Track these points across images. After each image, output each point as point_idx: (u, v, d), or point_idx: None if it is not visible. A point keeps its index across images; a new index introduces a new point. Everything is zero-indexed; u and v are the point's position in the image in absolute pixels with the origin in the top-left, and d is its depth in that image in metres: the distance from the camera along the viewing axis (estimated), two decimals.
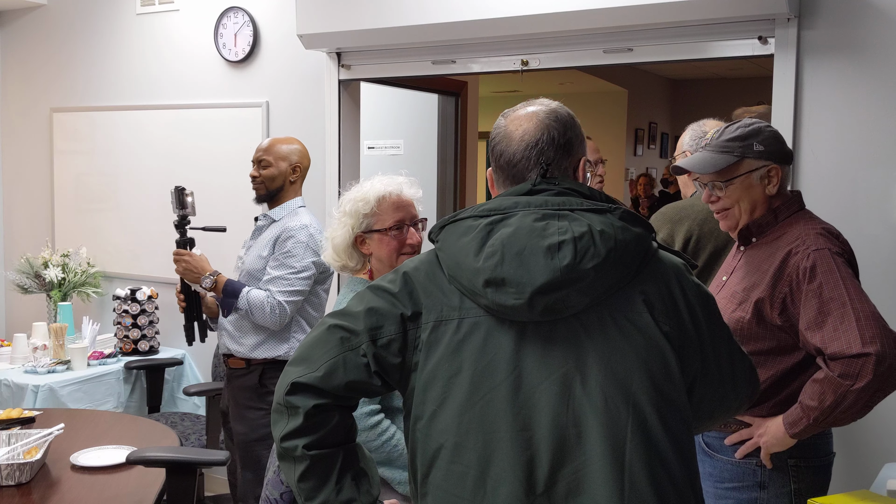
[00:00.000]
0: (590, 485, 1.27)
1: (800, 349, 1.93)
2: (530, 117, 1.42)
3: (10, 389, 3.64)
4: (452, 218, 1.40)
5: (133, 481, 2.41)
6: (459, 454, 1.31)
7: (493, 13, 3.06)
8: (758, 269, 1.99)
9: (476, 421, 1.30)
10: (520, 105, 1.47)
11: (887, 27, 2.63)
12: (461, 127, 4.94)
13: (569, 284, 1.28)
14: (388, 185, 2.21)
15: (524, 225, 1.31)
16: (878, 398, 1.81)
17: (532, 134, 1.41)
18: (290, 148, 3.08)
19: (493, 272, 1.29)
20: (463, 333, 1.33)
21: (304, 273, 2.95)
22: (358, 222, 2.18)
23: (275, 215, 3.06)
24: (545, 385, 1.30)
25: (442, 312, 1.35)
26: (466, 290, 1.34)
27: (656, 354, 1.33)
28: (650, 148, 10.05)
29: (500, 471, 1.29)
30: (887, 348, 1.76)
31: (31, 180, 4.76)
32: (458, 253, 1.34)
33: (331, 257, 2.24)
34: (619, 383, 1.29)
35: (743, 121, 2.05)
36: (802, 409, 1.86)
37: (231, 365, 3.09)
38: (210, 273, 2.94)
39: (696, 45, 2.92)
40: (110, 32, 4.40)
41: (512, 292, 1.28)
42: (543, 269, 1.27)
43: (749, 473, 1.99)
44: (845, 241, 1.99)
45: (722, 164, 1.99)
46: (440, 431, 1.33)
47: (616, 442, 1.27)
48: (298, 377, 1.37)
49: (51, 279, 4.29)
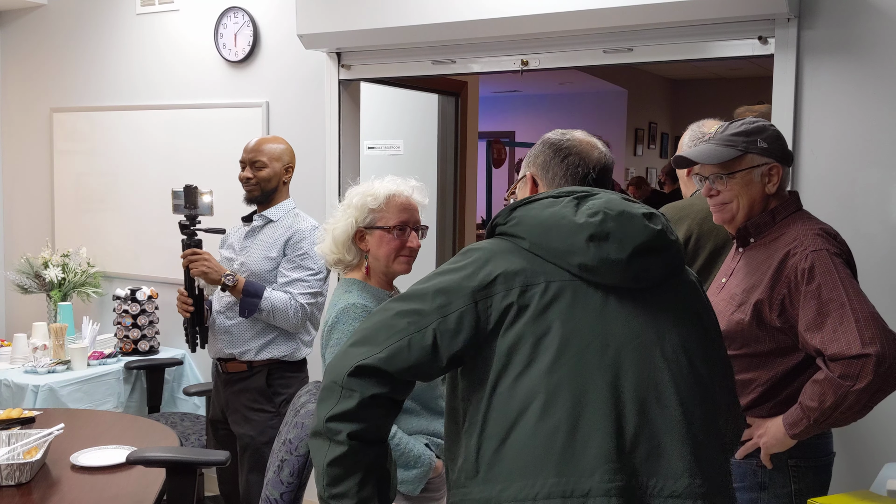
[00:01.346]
0: (667, 449, 1.33)
1: (799, 350, 1.93)
2: (596, 145, 1.67)
3: (10, 389, 3.64)
4: (525, 201, 1.48)
5: (133, 481, 2.41)
6: (549, 411, 1.32)
7: (493, 13, 3.07)
8: (756, 270, 1.99)
9: (567, 378, 1.33)
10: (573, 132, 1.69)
11: (887, 27, 2.63)
12: (461, 127, 4.94)
13: (659, 251, 1.42)
14: (399, 186, 2.23)
15: (614, 198, 1.45)
16: (879, 398, 1.81)
17: (605, 158, 1.65)
18: (281, 148, 3.05)
19: (598, 227, 1.38)
20: (550, 296, 1.38)
21: (321, 274, 2.95)
22: (363, 216, 2.19)
23: (272, 216, 3.03)
24: (629, 349, 1.37)
25: (527, 277, 1.39)
26: (556, 253, 1.40)
27: (714, 328, 1.52)
28: (650, 148, 10.05)
29: (590, 427, 1.31)
30: (887, 349, 1.76)
31: (31, 180, 4.76)
32: (549, 218, 1.42)
33: (328, 249, 2.23)
34: (688, 354, 1.41)
35: (747, 118, 2.06)
36: (802, 410, 1.86)
37: (230, 370, 3.03)
38: (229, 273, 2.88)
39: (696, 45, 2.92)
40: (110, 32, 4.40)
41: (615, 247, 1.38)
42: (643, 229, 1.40)
43: (749, 474, 1.99)
44: (843, 241, 1.99)
45: (725, 156, 2.00)
46: (528, 391, 1.34)
47: (687, 409, 1.36)
48: (363, 359, 1.36)
49: (51, 279, 4.29)
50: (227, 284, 2.85)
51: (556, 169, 1.62)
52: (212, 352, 3.10)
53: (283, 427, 2.27)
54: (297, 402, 2.25)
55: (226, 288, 2.87)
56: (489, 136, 8.96)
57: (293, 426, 2.10)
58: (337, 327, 2.11)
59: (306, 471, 2.05)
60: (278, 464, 2.09)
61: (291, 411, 2.27)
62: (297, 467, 2.04)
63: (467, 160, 5.01)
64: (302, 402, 2.19)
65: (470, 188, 5.08)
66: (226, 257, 3.10)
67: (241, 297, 2.87)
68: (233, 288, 2.87)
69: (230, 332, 2.99)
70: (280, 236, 2.97)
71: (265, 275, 2.95)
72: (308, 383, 2.39)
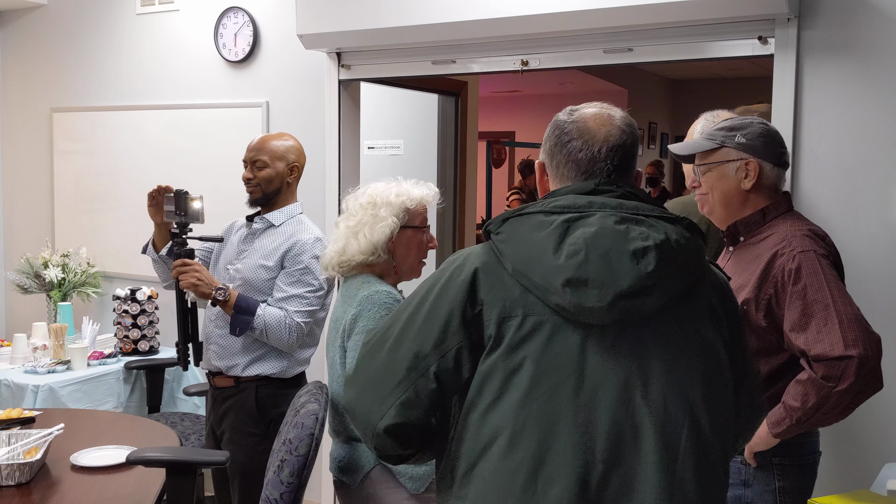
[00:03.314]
0: (641, 487, 1.27)
1: (785, 350, 1.94)
2: (610, 120, 1.45)
3: (10, 389, 3.63)
4: (517, 212, 1.38)
5: (133, 481, 2.41)
6: (512, 450, 1.29)
7: (493, 13, 3.06)
8: (745, 270, 1.99)
9: (534, 416, 1.29)
10: (587, 105, 1.49)
11: (887, 27, 2.63)
12: (461, 127, 4.94)
13: (650, 291, 1.28)
14: (423, 189, 2.28)
15: (607, 226, 1.30)
16: (861, 400, 1.82)
17: (616, 137, 1.43)
18: (285, 146, 2.81)
19: (576, 271, 1.27)
20: (526, 331, 1.31)
21: (321, 291, 2.72)
22: (401, 215, 2.21)
23: (273, 220, 2.80)
24: (607, 387, 1.29)
25: (504, 308, 1.32)
26: (536, 286, 1.31)
27: (716, 364, 1.36)
28: (650, 148, 10.04)
29: (555, 469, 1.28)
30: (869, 351, 1.78)
31: (31, 180, 4.76)
32: (532, 248, 1.32)
33: (356, 250, 2.18)
34: (679, 390, 1.31)
35: (746, 118, 2.06)
36: (785, 410, 1.87)
37: (218, 384, 2.82)
38: (220, 286, 2.64)
39: (696, 45, 2.91)
40: (110, 32, 4.40)
41: (594, 294, 1.27)
42: (629, 273, 1.27)
43: (734, 471, 2.00)
44: (831, 242, 2.00)
45: (700, 148, 2.03)
46: (495, 426, 1.31)
47: (670, 447, 1.29)
48: (378, 425, 1.37)
49: (51, 279, 4.29)
50: (219, 299, 2.63)
51: (559, 157, 1.46)
52: (203, 362, 2.87)
53: (283, 427, 2.27)
54: (297, 402, 2.25)
55: (216, 303, 2.64)
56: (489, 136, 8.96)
57: (293, 426, 2.10)
58: (362, 315, 2.09)
59: (306, 471, 2.05)
60: (278, 464, 2.09)
61: (291, 411, 2.27)
62: (297, 467, 2.04)
63: (467, 160, 5.01)
64: (302, 402, 2.19)
65: (470, 188, 5.08)
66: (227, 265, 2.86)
67: (233, 314, 2.64)
68: (224, 303, 2.64)
69: (218, 342, 2.77)
70: (280, 245, 2.74)
71: (260, 284, 2.73)
72: (308, 384, 2.38)
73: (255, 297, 2.71)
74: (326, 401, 2.17)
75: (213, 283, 2.65)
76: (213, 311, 2.80)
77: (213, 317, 2.81)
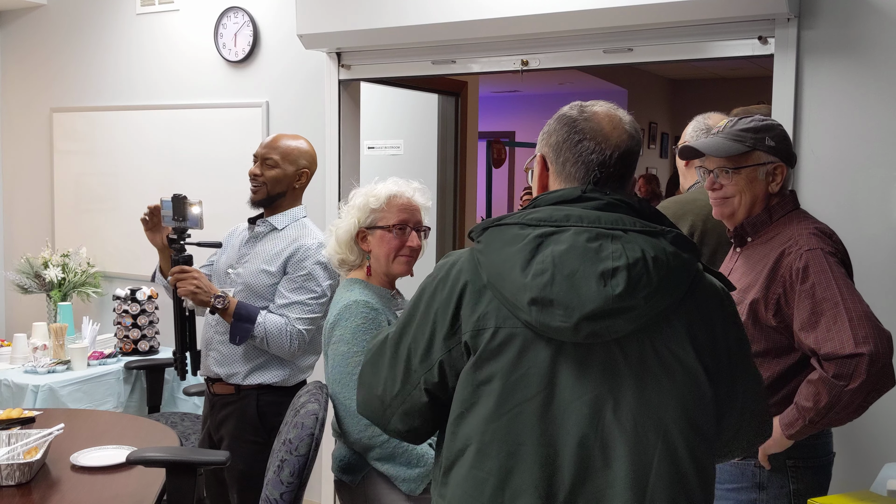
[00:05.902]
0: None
1: (796, 350, 1.93)
2: (621, 123, 1.42)
3: (10, 389, 3.64)
4: (497, 221, 1.37)
5: (133, 481, 2.41)
6: (481, 461, 1.31)
7: (493, 13, 3.06)
8: (752, 270, 1.99)
9: (502, 431, 1.30)
10: (594, 104, 1.46)
11: (887, 27, 2.63)
12: (461, 127, 4.94)
13: (618, 313, 1.25)
14: (400, 187, 2.27)
15: (577, 244, 1.27)
16: (873, 398, 1.81)
17: (626, 143, 1.41)
18: (299, 149, 2.74)
19: (541, 291, 1.26)
20: (497, 343, 1.31)
21: (324, 298, 2.66)
22: (364, 216, 2.23)
23: (276, 223, 2.73)
24: (577, 405, 1.29)
25: (479, 320, 1.33)
26: (507, 301, 1.31)
27: (694, 388, 1.32)
28: (650, 148, 10.04)
29: (520, 483, 1.29)
30: (880, 348, 1.76)
31: (31, 180, 4.76)
32: (503, 263, 1.31)
33: (332, 249, 2.28)
34: (651, 412, 1.29)
35: (756, 115, 2.06)
36: (798, 411, 1.86)
37: (217, 391, 2.74)
38: (219, 294, 2.58)
39: (696, 45, 2.91)
40: (110, 32, 4.40)
41: (559, 314, 1.25)
42: (595, 295, 1.24)
43: (748, 474, 1.99)
44: (839, 240, 1.99)
45: (733, 151, 2.00)
46: (465, 436, 1.34)
47: (641, 468, 1.27)
48: (387, 429, 1.48)
49: (51, 279, 4.29)
50: (217, 307, 2.57)
51: (567, 154, 1.41)
52: (202, 369, 2.80)
53: (283, 427, 2.27)
54: (297, 402, 2.25)
55: (215, 311, 2.58)
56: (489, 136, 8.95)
57: (293, 426, 2.10)
58: (339, 324, 2.13)
59: (306, 471, 2.05)
60: (278, 464, 2.09)
61: (291, 411, 2.27)
62: (297, 467, 2.04)
63: (467, 160, 5.01)
64: (302, 402, 2.19)
65: (470, 188, 5.08)
66: (228, 269, 2.79)
67: (233, 322, 2.58)
68: (223, 311, 2.58)
69: (219, 349, 2.71)
70: (282, 249, 2.67)
71: (261, 289, 2.66)
72: (308, 384, 2.38)
73: (256, 302, 2.66)
74: (326, 401, 2.17)
75: (211, 290, 2.59)
76: (213, 316, 2.73)
77: (214, 322, 2.75)
